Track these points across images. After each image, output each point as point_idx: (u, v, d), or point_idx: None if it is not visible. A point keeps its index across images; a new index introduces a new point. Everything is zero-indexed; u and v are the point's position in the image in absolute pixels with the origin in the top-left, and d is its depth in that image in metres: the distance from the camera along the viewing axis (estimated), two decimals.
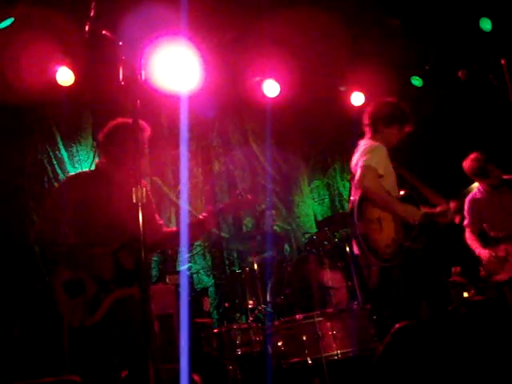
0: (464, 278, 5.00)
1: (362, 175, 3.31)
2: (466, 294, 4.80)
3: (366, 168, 3.32)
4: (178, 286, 3.91)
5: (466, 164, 4.55)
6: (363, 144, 3.59)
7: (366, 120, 3.64)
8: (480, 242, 4.54)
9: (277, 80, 6.26)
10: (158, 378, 2.12)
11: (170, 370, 3.17)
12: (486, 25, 6.04)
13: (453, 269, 5.09)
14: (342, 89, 6.91)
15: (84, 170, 5.24)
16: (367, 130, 3.63)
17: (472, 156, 4.52)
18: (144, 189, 2.04)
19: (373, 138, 3.59)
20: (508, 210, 4.41)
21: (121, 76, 2.55)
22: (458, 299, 4.74)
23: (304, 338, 3.57)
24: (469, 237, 4.64)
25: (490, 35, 5.90)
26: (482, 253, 4.48)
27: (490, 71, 2.92)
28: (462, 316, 4.30)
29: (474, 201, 4.67)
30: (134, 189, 1.97)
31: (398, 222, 3.35)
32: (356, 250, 3.39)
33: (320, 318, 3.62)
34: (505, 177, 4.49)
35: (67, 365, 3.67)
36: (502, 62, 2.87)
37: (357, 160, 3.50)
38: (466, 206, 4.72)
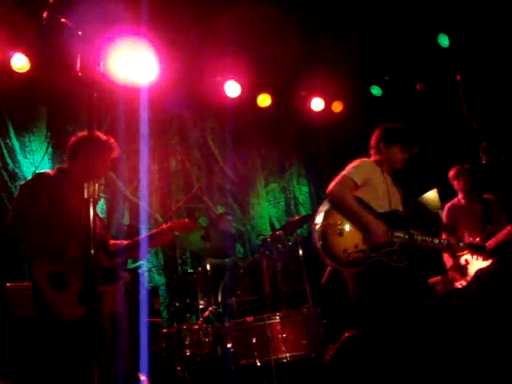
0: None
1: (335, 182, 3.41)
2: None
3: (341, 177, 3.42)
4: (127, 284, 3.82)
5: (451, 170, 4.85)
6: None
7: (371, 143, 3.73)
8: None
9: (238, 81, 6.26)
10: (104, 378, 2.07)
11: (117, 370, 3.11)
12: (443, 41, 6.22)
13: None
14: (303, 93, 6.97)
15: (47, 170, 5.12)
16: (371, 152, 3.69)
17: (461, 166, 4.79)
18: (97, 185, 1.99)
19: (374, 158, 3.65)
20: (478, 220, 4.61)
21: (78, 66, 2.48)
22: None
23: (254, 341, 3.58)
24: None
25: (447, 51, 6.08)
26: (447, 260, 4.72)
27: (446, 85, 3.01)
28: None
29: (452, 207, 4.87)
30: (85, 184, 1.92)
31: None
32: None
33: (270, 321, 3.63)
34: (484, 195, 4.76)
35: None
36: (458, 77, 2.95)
37: None
38: (444, 212, 4.95)
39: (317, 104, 6.89)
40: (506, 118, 5.51)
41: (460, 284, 4.54)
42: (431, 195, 7.41)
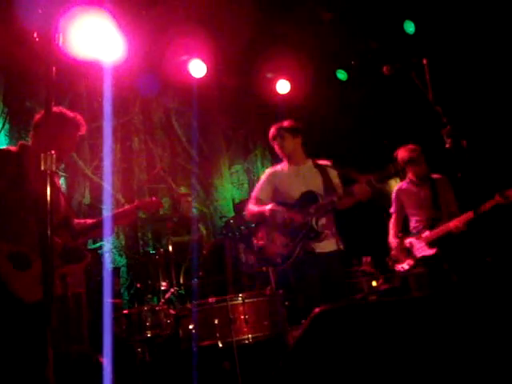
0: (373, 267, 5.20)
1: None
2: (374, 283, 5.00)
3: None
4: (88, 265, 3.74)
5: (402, 152, 4.66)
6: None
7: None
8: (395, 231, 4.71)
9: (203, 60, 6.15)
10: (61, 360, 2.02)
11: (77, 352, 3.05)
12: (409, 27, 6.27)
13: (363, 258, 5.28)
14: (269, 75, 6.93)
15: (8, 146, 4.97)
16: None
17: (409, 146, 4.66)
18: (54, 157, 1.90)
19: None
20: (424, 205, 4.60)
21: (35, 37, 2.38)
22: (367, 288, 4.93)
23: (216, 322, 3.56)
24: (391, 224, 4.82)
25: (414, 37, 6.13)
26: (391, 241, 4.69)
27: (413, 69, 3.02)
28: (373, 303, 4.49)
29: (399, 190, 4.82)
30: (42, 155, 1.84)
31: (283, 230, 3.64)
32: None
33: (232, 302, 3.62)
34: (433, 175, 4.67)
35: None
36: (424, 61, 2.97)
37: None
38: (393, 194, 4.88)
39: (282, 86, 6.86)
40: (470, 102, 5.60)
41: (402, 267, 4.53)
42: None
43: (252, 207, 3.85)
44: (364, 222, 5.89)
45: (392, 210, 4.85)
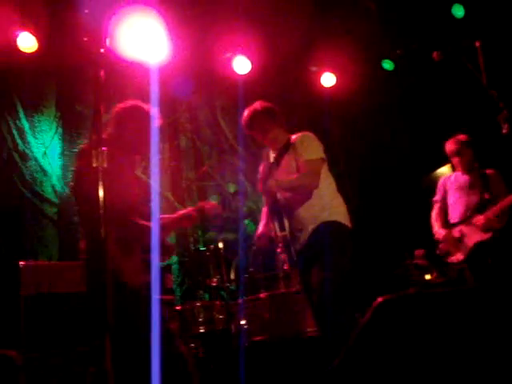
0: (427, 260, 5.05)
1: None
2: (428, 277, 4.86)
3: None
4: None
5: (448, 144, 4.54)
6: None
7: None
8: (441, 221, 4.54)
9: (248, 57, 6.15)
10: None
11: None
12: (458, 11, 6.06)
13: (416, 251, 5.14)
14: (314, 69, 6.86)
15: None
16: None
17: (455, 137, 4.52)
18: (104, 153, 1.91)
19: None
20: (471, 192, 4.43)
21: (84, 41, 2.42)
22: (419, 282, 4.80)
23: (267, 316, 3.56)
24: (434, 213, 4.66)
25: (463, 21, 5.92)
26: (439, 232, 4.50)
27: (464, 53, 2.90)
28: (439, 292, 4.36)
29: (446, 179, 4.67)
30: (93, 151, 1.86)
31: None
32: None
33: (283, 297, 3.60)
34: (485, 170, 4.48)
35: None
36: (477, 44, 2.84)
37: None
38: (439, 183, 4.72)
39: (328, 79, 6.78)
40: None
41: (456, 258, 4.35)
42: (445, 170, 7.32)
43: None
44: (415, 213, 5.77)
45: (436, 198, 4.66)
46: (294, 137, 3.37)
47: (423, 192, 6.76)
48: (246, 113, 3.44)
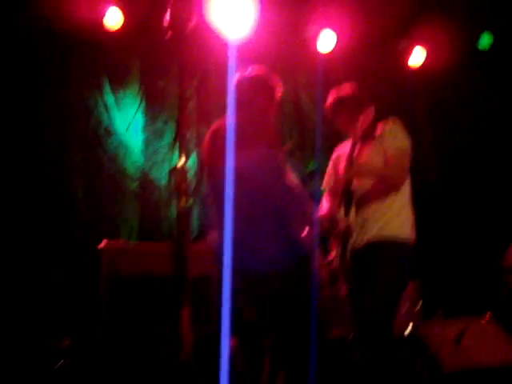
0: None
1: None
2: None
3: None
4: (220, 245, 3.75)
5: None
6: None
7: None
8: None
9: (335, 31, 5.88)
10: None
11: (206, 333, 3.09)
12: None
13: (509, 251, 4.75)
14: (403, 44, 6.47)
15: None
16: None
17: None
18: None
19: None
20: None
21: (167, 22, 2.33)
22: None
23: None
24: None
25: None
26: None
27: None
28: None
29: None
30: None
31: None
32: None
33: None
34: None
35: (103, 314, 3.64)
36: None
37: None
38: None
39: (417, 57, 6.37)
40: None
41: None
42: None
43: None
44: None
45: None
46: (380, 125, 3.15)
47: None
48: (331, 96, 3.29)
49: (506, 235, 5.02)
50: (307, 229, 2.63)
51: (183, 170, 2.03)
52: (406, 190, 3.10)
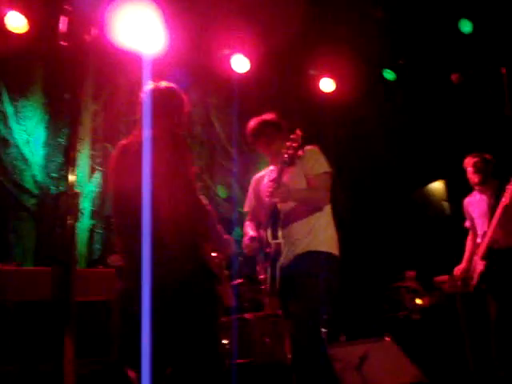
0: (418, 283, 4.90)
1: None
2: (419, 301, 4.70)
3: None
4: (119, 268, 3.56)
5: (467, 160, 4.32)
6: None
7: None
8: (469, 251, 4.30)
9: (246, 55, 5.93)
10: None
11: (102, 363, 2.90)
12: (465, 27, 5.90)
13: (407, 273, 4.97)
14: (312, 72, 6.67)
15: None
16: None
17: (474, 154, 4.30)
18: None
19: None
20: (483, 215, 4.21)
21: (62, 30, 2.20)
22: (411, 305, 4.63)
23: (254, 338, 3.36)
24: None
25: (468, 37, 5.78)
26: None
27: (487, 78, 2.72)
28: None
29: (466, 202, 4.41)
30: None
31: None
32: None
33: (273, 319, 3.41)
34: None
35: None
36: (503, 71, 2.65)
37: None
38: (464, 208, 4.47)
39: (327, 84, 6.60)
40: None
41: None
42: (437, 186, 7.21)
43: None
44: (407, 233, 5.63)
45: (467, 224, 4.43)
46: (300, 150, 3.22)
47: (415, 207, 6.65)
48: (253, 122, 3.45)
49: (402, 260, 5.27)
50: (217, 249, 2.58)
51: (72, 193, 1.87)
52: (328, 209, 3.21)
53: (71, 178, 1.90)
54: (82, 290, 3.09)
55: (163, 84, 2.72)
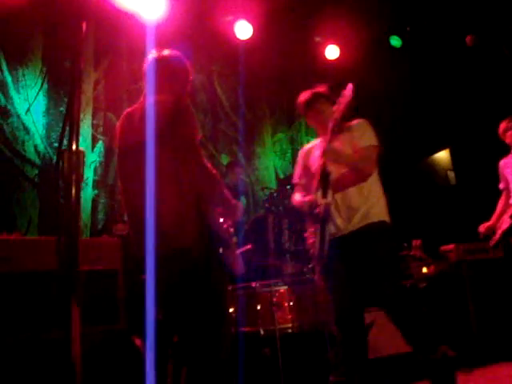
0: (424, 252, 4.88)
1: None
2: (425, 270, 4.69)
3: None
4: (124, 237, 3.54)
5: (502, 124, 4.28)
6: None
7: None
8: (499, 210, 4.27)
9: (250, 21, 5.80)
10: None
11: (109, 332, 2.90)
12: None
13: (413, 242, 4.95)
14: (317, 39, 6.54)
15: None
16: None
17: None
18: None
19: None
20: None
21: None
22: (417, 274, 4.63)
23: (258, 308, 3.35)
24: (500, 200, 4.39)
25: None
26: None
27: (503, 40, 2.63)
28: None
29: (502, 164, 4.35)
30: None
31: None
32: None
33: (276, 288, 3.39)
34: None
35: None
36: None
37: None
38: (499, 169, 4.40)
39: (331, 51, 6.47)
40: None
41: None
42: (443, 155, 7.14)
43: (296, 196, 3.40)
44: (413, 202, 5.58)
45: (501, 186, 4.38)
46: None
47: (421, 177, 6.59)
48: (306, 93, 3.41)
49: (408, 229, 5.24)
50: (225, 214, 2.53)
51: (76, 154, 1.77)
52: (378, 179, 3.22)
53: (72, 140, 1.81)
54: (87, 259, 3.07)
55: (167, 52, 2.64)
